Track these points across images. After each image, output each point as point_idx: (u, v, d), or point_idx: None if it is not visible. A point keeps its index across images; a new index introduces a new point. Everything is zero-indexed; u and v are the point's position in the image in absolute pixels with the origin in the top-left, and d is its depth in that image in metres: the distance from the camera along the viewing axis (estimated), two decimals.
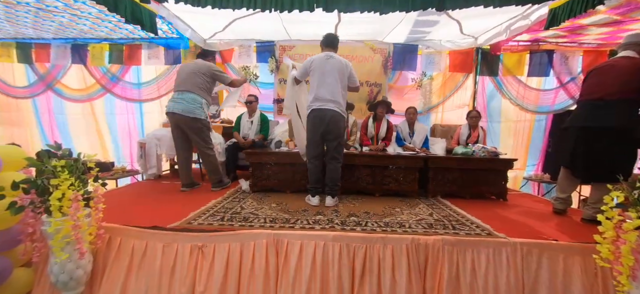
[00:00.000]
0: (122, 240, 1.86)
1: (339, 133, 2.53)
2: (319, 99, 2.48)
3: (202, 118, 2.86)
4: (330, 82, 2.48)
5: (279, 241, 1.81)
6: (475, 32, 3.92)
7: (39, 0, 3.10)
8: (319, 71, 2.51)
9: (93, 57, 4.49)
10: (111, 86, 4.61)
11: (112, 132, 4.78)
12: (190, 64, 3.01)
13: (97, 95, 4.64)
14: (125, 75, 4.63)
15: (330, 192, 2.55)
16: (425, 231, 1.94)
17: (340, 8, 2.08)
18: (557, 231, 2.08)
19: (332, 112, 2.47)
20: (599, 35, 3.69)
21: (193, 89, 2.83)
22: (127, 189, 3.28)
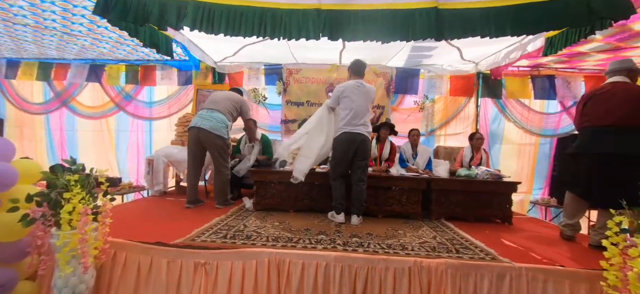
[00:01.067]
0: (127, 255, 1.88)
1: (367, 155, 2.73)
2: (351, 124, 2.66)
3: (226, 138, 3.00)
4: (360, 108, 2.68)
5: (281, 260, 1.81)
6: (475, 58, 4.04)
7: (65, 25, 3.32)
8: (350, 98, 2.70)
9: (109, 77, 4.71)
10: (125, 104, 4.79)
11: (120, 148, 4.89)
12: (224, 91, 3.30)
13: (110, 112, 4.81)
14: (139, 94, 4.83)
15: (357, 211, 2.66)
16: (428, 254, 1.93)
17: (344, 37, 2.20)
18: (563, 256, 2.04)
19: (363, 135, 2.67)
20: (598, 61, 3.76)
21: (223, 111, 3.03)
22: (133, 204, 3.33)
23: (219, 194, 3.07)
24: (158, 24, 2.46)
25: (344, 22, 2.16)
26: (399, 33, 2.12)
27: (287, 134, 4.62)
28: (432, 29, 2.04)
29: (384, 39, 2.16)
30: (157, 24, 2.47)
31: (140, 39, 2.82)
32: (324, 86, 4.58)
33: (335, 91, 2.84)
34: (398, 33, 2.12)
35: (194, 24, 2.38)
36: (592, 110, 2.23)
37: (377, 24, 2.13)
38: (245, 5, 2.34)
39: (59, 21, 3.25)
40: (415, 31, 2.09)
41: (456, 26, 2.05)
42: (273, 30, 2.31)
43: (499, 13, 2.00)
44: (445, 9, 2.04)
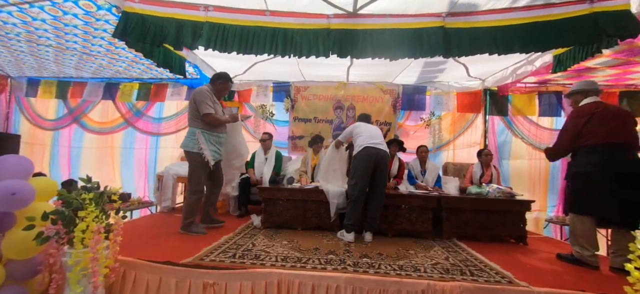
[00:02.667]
0: (136, 274, 1.87)
1: (386, 171, 2.79)
2: (371, 141, 2.73)
3: (194, 150, 2.55)
4: (376, 132, 2.86)
5: (291, 282, 1.78)
6: (481, 75, 4.05)
7: (85, 46, 3.46)
8: (364, 128, 2.88)
9: (122, 94, 4.85)
10: (134, 120, 4.90)
11: (126, 164, 4.92)
12: None
13: (119, 128, 4.91)
14: (149, 110, 4.95)
15: (370, 228, 2.69)
16: (441, 276, 1.88)
17: (353, 55, 2.26)
18: (583, 279, 1.96)
19: (384, 151, 2.74)
20: (606, 76, 3.74)
21: (189, 121, 2.67)
22: (141, 221, 3.34)
23: (183, 217, 2.66)
24: (174, 44, 2.56)
25: (353, 41, 2.21)
26: (407, 51, 2.16)
27: (294, 150, 4.65)
28: (440, 47, 2.08)
29: (392, 57, 2.20)
30: (173, 44, 2.57)
31: (155, 60, 2.92)
32: (331, 103, 4.63)
33: (345, 130, 3.03)
34: (406, 51, 2.16)
35: (209, 44, 2.48)
36: (596, 129, 2.17)
37: (386, 42, 2.17)
38: (257, 25, 2.42)
39: (80, 43, 3.39)
40: (423, 49, 2.13)
41: (464, 44, 2.08)
42: (284, 48, 2.38)
43: (505, 31, 2.03)
44: (452, 28, 2.07)
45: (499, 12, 2.09)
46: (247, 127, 4.91)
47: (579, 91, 2.33)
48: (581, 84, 2.37)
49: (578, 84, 2.38)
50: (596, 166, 2.13)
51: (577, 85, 2.37)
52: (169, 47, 2.91)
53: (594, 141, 2.16)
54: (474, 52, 2.08)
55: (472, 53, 2.10)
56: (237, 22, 2.41)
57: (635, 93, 4.22)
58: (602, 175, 2.10)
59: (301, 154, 4.42)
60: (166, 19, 2.48)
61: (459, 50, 2.11)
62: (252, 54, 2.44)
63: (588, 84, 2.36)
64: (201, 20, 2.45)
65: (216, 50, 2.46)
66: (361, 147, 2.72)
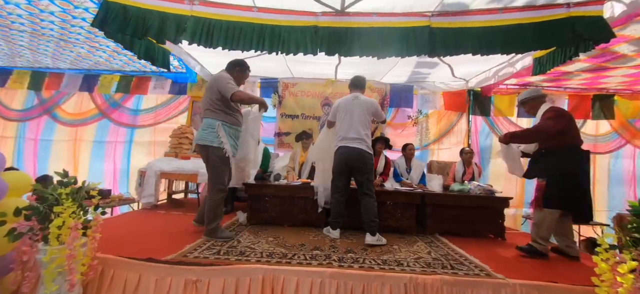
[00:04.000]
0: (115, 272, 1.82)
1: (365, 169, 2.57)
2: (345, 138, 2.60)
3: (214, 145, 2.31)
4: (355, 121, 2.58)
5: (275, 277, 1.78)
6: (466, 75, 4.16)
7: (62, 33, 3.29)
8: (344, 111, 2.66)
9: (101, 86, 4.67)
10: (110, 111, 4.72)
11: (97, 158, 4.73)
12: None
13: (92, 120, 4.72)
14: (127, 102, 4.78)
15: (369, 229, 2.47)
16: (423, 270, 1.93)
17: (341, 53, 2.26)
18: (556, 272, 2.06)
19: (357, 149, 2.56)
20: (581, 80, 3.93)
21: (205, 113, 2.38)
22: (123, 218, 3.25)
23: (206, 222, 2.38)
24: (157, 37, 2.49)
25: (341, 39, 2.22)
26: (394, 50, 2.19)
27: (281, 147, 4.63)
28: (425, 47, 2.12)
29: (379, 55, 2.22)
30: (156, 37, 2.49)
31: (135, 52, 2.82)
32: (319, 100, 4.63)
33: (333, 106, 2.84)
34: (393, 50, 2.19)
35: (193, 38, 2.42)
36: (574, 129, 2.36)
37: (373, 40, 2.19)
38: (244, 21, 2.39)
39: (56, 30, 3.24)
40: (409, 48, 2.16)
41: (449, 44, 2.13)
42: (271, 45, 2.36)
43: (489, 33, 2.10)
44: (438, 28, 2.12)
45: (483, 13, 2.15)
46: None
47: (537, 97, 2.50)
48: (536, 91, 2.54)
49: (533, 91, 2.54)
50: (579, 166, 2.29)
51: (533, 92, 2.53)
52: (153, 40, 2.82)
53: (576, 141, 2.33)
54: (458, 52, 2.14)
55: (456, 53, 2.16)
56: (224, 17, 2.37)
57: (606, 96, 4.46)
58: (583, 175, 2.30)
59: (288, 150, 4.41)
60: (149, 11, 2.41)
61: (444, 50, 2.16)
62: (239, 50, 2.41)
63: (539, 91, 2.55)
64: (186, 13, 2.40)
65: (201, 45, 2.41)
66: (336, 146, 2.67)
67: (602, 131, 4.61)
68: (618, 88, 4.31)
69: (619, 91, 4.39)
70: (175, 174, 3.69)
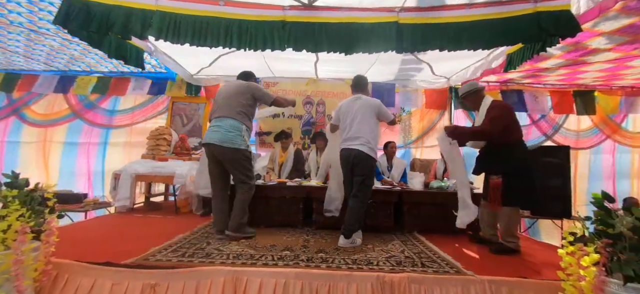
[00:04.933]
0: (69, 278, 1.74)
1: (362, 171, 2.50)
2: (347, 139, 2.55)
3: (242, 148, 2.43)
4: (357, 123, 2.53)
5: (238, 279, 1.72)
6: (446, 73, 4.17)
7: (31, 19, 3.14)
8: (346, 113, 2.62)
9: (78, 87, 4.52)
10: (84, 112, 4.58)
11: (67, 160, 4.55)
12: (229, 85, 2.61)
13: (63, 121, 4.56)
14: (104, 103, 4.65)
15: (345, 232, 2.39)
16: (392, 268, 1.89)
17: (309, 48, 2.22)
18: (526, 268, 2.04)
19: (356, 151, 2.48)
20: (559, 76, 3.96)
21: (232, 114, 2.42)
22: (93, 222, 3.15)
23: (234, 217, 2.46)
24: (122, 33, 2.41)
25: (309, 34, 2.18)
26: (361, 45, 2.16)
27: (262, 146, 4.57)
28: (392, 42, 2.09)
29: (347, 51, 2.19)
30: (121, 33, 2.42)
31: (105, 51, 2.74)
32: (300, 98, 4.59)
33: (336, 109, 2.80)
34: (360, 45, 2.16)
35: (160, 34, 2.35)
36: (518, 123, 2.36)
37: (341, 36, 2.16)
38: (211, 16, 2.33)
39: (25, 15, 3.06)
40: (377, 44, 2.13)
41: (416, 39, 2.11)
42: (239, 41, 2.30)
43: (456, 28, 2.08)
44: (405, 24, 2.09)
45: (451, 9, 2.13)
46: None
47: (477, 91, 2.44)
48: (475, 85, 2.47)
49: (474, 84, 2.49)
50: (527, 160, 2.30)
51: (474, 85, 2.47)
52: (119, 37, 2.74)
53: (520, 136, 2.33)
54: (425, 47, 2.12)
55: (424, 49, 2.14)
56: (190, 11, 2.31)
57: (586, 92, 4.50)
58: (531, 168, 2.29)
59: (269, 150, 4.35)
60: (113, 6, 2.33)
61: (411, 46, 2.14)
62: (206, 47, 2.35)
63: (477, 85, 2.48)
64: (151, 8, 2.33)
65: (168, 41, 2.35)
66: (339, 148, 2.65)
67: (583, 126, 4.65)
68: (596, 84, 4.35)
69: (597, 87, 4.44)
70: (152, 176, 3.59)
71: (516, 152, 2.28)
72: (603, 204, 1.56)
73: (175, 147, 4.18)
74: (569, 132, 4.61)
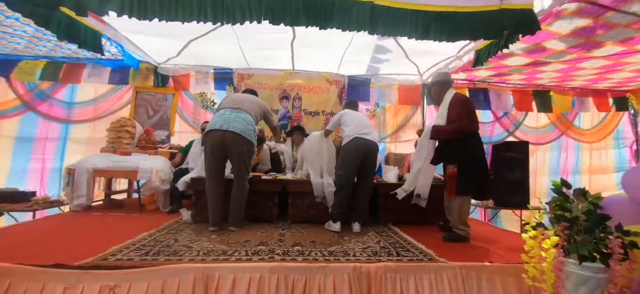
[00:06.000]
0: (12, 283, 1.53)
1: (375, 165, 2.79)
2: (360, 132, 2.68)
3: (254, 143, 2.63)
4: (363, 121, 2.82)
5: (209, 276, 1.62)
6: (419, 67, 4.28)
7: None
8: (351, 116, 2.83)
9: (20, 71, 4.00)
10: (37, 103, 4.08)
11: (19, 157, 4.07)
12: (243, 94, 2.89)
13: (12, 113, 4.04)
14: (57, 93, 4.17)
15: (359, 218, 2.66)
16: (368, 258, 1.89)
17: (286, 22, 2.11)
18: (496, 253, 2.15)
19: (373, 143, 2.73)
20: (521, 75, 4.24)
21: (250, 112, 2.62)
22: (42, 222, 2.82)
23: (235, 212, 2.53)
24: (76, 8, 2.14)
25: (286, 7, 2.09)
26: (336, 23, 2.12)
27: None
28: (366, 22, 2.08)
29: (322, 26, 2.14)
30: (74, 8, 2.14)
31: (53, 30, 2.42)
32: (277, 92, 4.48)
33: (333, 118, 2.98)
34: (335, 23, 2.12)
35: (122, 7, 2.10)
36: (475, 116, 2.47)
37: (317, 11, 2.10)
38: None
39: None
40: (350, 22, 2.11)
41: (389, 24, 2.11)
42: (214, 14, 2.12)
43: (425, 16, 2.11)
44: (380, 5, 2.09)
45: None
46: (185, 117, 4.51)
47: (446, 81, 2.57)
48: (446, 76, 2.64)
49: (444, 74, 2.66)
50: (480, 152, 2.41)
51: (444, 76, 2.63)
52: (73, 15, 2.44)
53: (475, 129, 2.43)
54: (396, 33, 2.14)
55: (395, 34, 2.16)
56: None
57: (544, 92, 4.87)
58: (484, 159, 2.44)
59: None
60: None
61: (383, 29, 2.14)
62: (178, 22, 2.14)
63: (449, 76, 2.66)
64: None
65: (133, 16, 2.10)
66: (350, 137, 2.68)
67: (541, 123, 5.03)
68: (552, 84, 4.73)
69: (552, 87, 4.82)
70: (112, 171, 3.30)
71: (469, 144, 2.38)
72: (561, 190, 1.68)
73: (140, 141, 3.88)
74: (529, 129, 4.97)
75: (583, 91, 4.85)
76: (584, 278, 1.45)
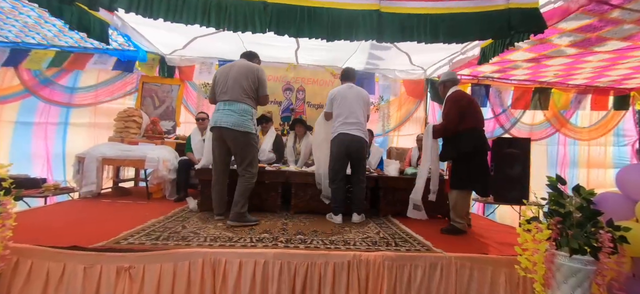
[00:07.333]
0: (34, 263, 1.64)
1: (361, 155, 2.75)
2: (345, 124, 2.68)
3: (252, 132, 2.44)
4: (353, 109, 2.71)
5: (217, 260, 1.72)
6: (423, 64, 4.31)
7: None
8: (341, 98, 2.75)
9: (31, 61, 4.07)
10: (39, 88, 4.15)
11: (19, 141, 4.15)
12: (235, 65, 2.50)
13: (13, 98, 4.12)
14: (62, 79, 4.24)
15: (357, 209, 2.70)
16: (368, 248, 1.97)
17: (290, 33, 2.17)
18: (490, 245, 2.22)
19: (357, 136, 2.68)
20: (525, 70, 4.24)
21: (242, 98, 2.39)
22: (55, 207, 2.94)
23: (235, 208, 2.40)
24: (88, 3, 2.22)
25: (291, 18, 2.14)
26: (343, 33, 2.16)
27: None
28: (374, 31, 2.12)
29: (328, 38, 2.18)
30: (87, 3, 2.22)
31: (66, 20, 2.50)
32: (280, 84, 4.53)
33: (328, 96, 2.89)
34: (342, 33, 2.16)
35: (130, 6, 2.17)
36: (476, 114, 2.54)
37: (323, 22, 2.14)
38: None
39: None
40: (358, 32, 2.15)
41: (396, 30, 2.15)
42: (218, 20, 2.19)
43: (433, 19, 2.14)
44: (387, 13, 2.12)
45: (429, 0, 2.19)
46: (190, 108, 4.59)
47: (451, 80, 2.68)
48: (452, 74, 2.76)
49: (449, 73, 2.77)
50: (476, 146, 2.46)
51: (449, 75, 2.75)
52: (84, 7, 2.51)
53: (473, 124, 2.48)
54: (404, 38, 2.17)
55: (402, 39, 2.19)
56: None
57: (545, 89, 4.88)
58: (481, 155, 2.49)
59: None
60: None
61: (391, 37, 2.18)
62: (182, 23, 2.21)
63: (455, 75, 2.75)
64: None
65: (139, 14, 2.17)
66: (335, 133, 2.70)
67: (537, 120, 5.05)
68: (554, 81, 4.72)
69: (555, 84, 4.82)
70: (121, 160, 3.40)
71: (464, 139, 2.45)
72: (556, 186, 1.74)
73: (146, 131, 3.97)
74: (524, 126, 5.00)
75: (585, 88, 4.84)
76: (573, 270, 1.52)
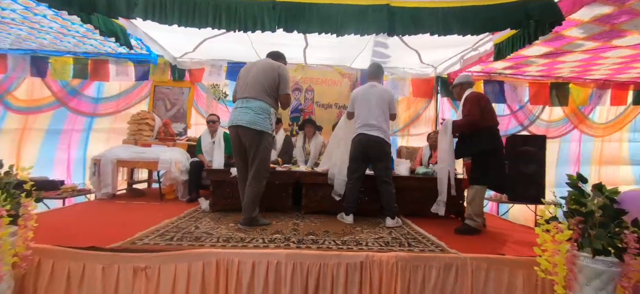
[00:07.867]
0: (55, 263, 1.69)
1: (383, 157, 2.68)
2: (364, 125, 2.65)
3: (269, 132, 2.34)
4: (373, 109, 2.66)
5: (230, 260, 1.73)
6: (433, 62, 4.24)
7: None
8: (361, 99, 2.72)
9: (54, 71, 4.26)
10: (68, 99, 4.37)
11: (47, 147, 4.36)
12: (258, 62, 2.48)
13: (47, 108, 4.34)
14: (86, 89, 4.43)
15: (389, 213, 2.61)
16: (380, 248, 1.95)
17: (299, 30, 2.18)
18: (507, 246, 2.17)
19: (375, 137, 2.62)
20: (539, 67, 4.12)
21: (261, 96, 2.31)
22: (73, 208, 3.03)
23: (245, 211, 2.34)
24: (107, 13, 2.30)
25: (299, 15, 2.15)
26: (352, 27, 2.16)
27: None
28: (384, 25, 2.11)
29: (338, 33, 2.18)
30: (105, 13, 2.30)
31: (95, 25, 2.62)
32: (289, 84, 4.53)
33: (350, 96, 2.91)
34: (352, 27, 2.15)
35: (146, 13, 2.24)
36: (491, 112, 2.57)
37: (332, 17, 2.14)
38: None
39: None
40: (368, 26, 2.14)
41: (407, 23, 2.13)
42: (228, 21, 2.23)
43: (446, 13, 2.11)
44: (397, 6, 2.10)
45: None
46: (200, 110, 4.65)
47: (467, 82, 2.69)
48: (467, 77, 2.74)
49: (464, 76, 2.75)
50: (495, 144, 2.50)
51: (464, 78, 2.73)
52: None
53: (491, 123, 2.52)
54: (416, 31, 2.15)
55: (415, 32, 2.16)
56: None
57: (562, 84, 4.73)
58: (500, 152, 2.54)
59: None
60: None
61: (402, 30, 2.16)
62: (195, 27, 2.26)
63: (470, 77, 2.76)
64: None
65: (155, 21, 2.24)
66: (354, 134, 2.71)
67: (554, 117, 4.90)
68: (571, 76, 4.57)
69: (572, 79, 4.66)
70: (134, 162, 3.47)
71: (483, 137, 2.48)
72: (577, 185, 1.67)
73: (159, 133, 4.04)
74: (542, 123, 4.85)
75: (605, 83, 4.67)
76: (597, 272, 1.46)
